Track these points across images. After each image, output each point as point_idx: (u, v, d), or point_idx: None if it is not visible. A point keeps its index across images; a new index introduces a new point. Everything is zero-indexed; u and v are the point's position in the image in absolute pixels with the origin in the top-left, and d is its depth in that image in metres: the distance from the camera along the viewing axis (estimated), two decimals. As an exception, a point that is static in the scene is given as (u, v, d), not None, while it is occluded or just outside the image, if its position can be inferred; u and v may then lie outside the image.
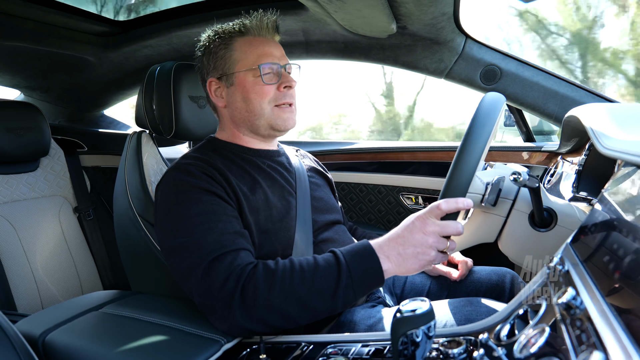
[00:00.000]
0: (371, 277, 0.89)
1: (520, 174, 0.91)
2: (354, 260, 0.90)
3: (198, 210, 0.99)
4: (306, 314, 0.89)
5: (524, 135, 1.96)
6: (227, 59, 1.17)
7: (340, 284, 0.88)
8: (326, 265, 0.91)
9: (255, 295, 0.88)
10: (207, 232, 0.96)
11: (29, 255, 1.76)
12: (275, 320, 0.89)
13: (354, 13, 1.38)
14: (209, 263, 0.92)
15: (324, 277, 0.89)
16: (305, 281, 0.89)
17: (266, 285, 0.89)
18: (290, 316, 0.89)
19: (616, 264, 0.54)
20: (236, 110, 1.18)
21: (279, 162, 1.24)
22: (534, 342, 0.55)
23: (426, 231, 0.88)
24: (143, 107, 1.35)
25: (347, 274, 0.89)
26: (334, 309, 0.90)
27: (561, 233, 0.97)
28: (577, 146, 1.47)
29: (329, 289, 0.88)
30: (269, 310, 0.88)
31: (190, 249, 0.95)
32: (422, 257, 0.88)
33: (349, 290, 0.89)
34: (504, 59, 1.64)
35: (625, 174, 0.76)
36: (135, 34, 1.87)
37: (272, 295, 0.88)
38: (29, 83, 2.19)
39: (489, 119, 0.88)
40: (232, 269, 0.91)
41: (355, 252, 0.92)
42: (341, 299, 0.89)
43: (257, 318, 0.88)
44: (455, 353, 0.65)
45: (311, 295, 0.88)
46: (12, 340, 0.73)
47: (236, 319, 0.88)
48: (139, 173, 1.25)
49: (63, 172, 1.98)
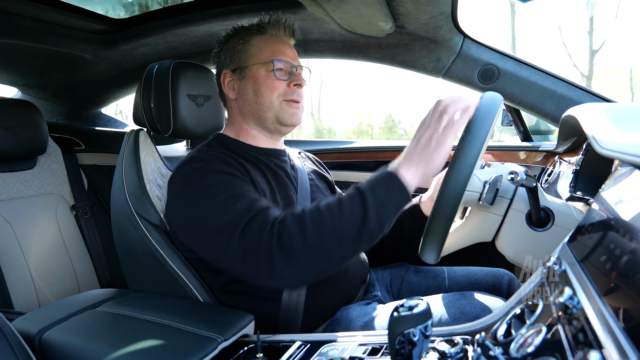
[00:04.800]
0: (395, 192, 0.92)
1: (517, 174, 0.91)
2: (373, 182, 0.93)
3: (222, 188, 1.02)
4: (345, 243, 0.91)
5: (522, 134, 1.96)
6: (243, 53, 1.22)
7: (368, 206, 0.90)
8: (349, 196, 0.93)
9: (291, 241, 0.90)
10: (235, 203, 0.99)
11: (26, 253, 1.76)
12: (318, 261, 0.91)
13: (352, 12, 1.38)
14: (243, 227, 0.95)
15: (351, 205, 0.91)
16: (333, 213, 0.91)
17: (298, 228, 0.91)
18: (330, 251, 0.91)
19: (613, 263, 0.54)
20: (246, 102, 1.22)
21: (283, 161, 1.27)
22: (531, 342, 0.55)
23: (436, 112, 0.92)
24: (141, 106, 1.35)
25: (371, 195, 0.91)
26: (371, 232, 0.91)
27: (558, 233, 0.97)
28: (574, 146, 1.48)
29: (358, 213, 0.90)
30: (309, 251, 0.90)
31: (223, 224, 0.97)
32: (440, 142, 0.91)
33: (379, 209, 0.91)
34: (501, 59, 1.64)
35: (622, 174, 0.76)
36: (132, 32, 1.86)
37: (306, 235, 0.90)
38: (27, 81, 2.18)
39: (487, 118, 0.89)
40: (264, 225, 0.94)
41: (373, 178, 0.95)
42: (374, 220, 0.90)
43: (299, 263, 0.91)
44: (452, 352, 0.66)
45: (343, 224, 0.90)
46: (8, 339, 0.73)
47: (281, 270, 0.91)
48: (137, 171, 1.25)
49: (60, 170, 1.98)
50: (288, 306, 1.10)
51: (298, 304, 1.11)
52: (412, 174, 0.92)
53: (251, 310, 1.03)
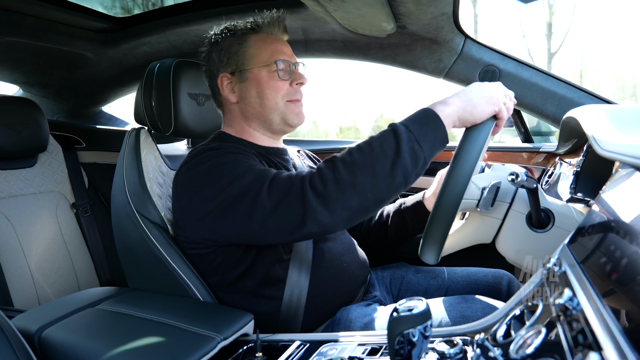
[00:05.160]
0: (432, 128, 0.90)
1: (518, 175, 0.91)
2: (409, 119, 0.92)
3: (238, 162, 1.02)
4: (379, 181, 0.88)
5: (522, 135, 1.96)
6: (240, 55, 1.19)
7: (401, 141, 0.87)
8: (382, 133, 0.91)
9: (323, 181, 0.89)
10: (254, 170, 0.99)
11: (26, 251, 1.76)
12: (352, 199, 0.88)
13: (353, 12, 1.38)
14: (270, 182, 0.94)
15: (382, 141, 0.89)
16: (364, 150, 0.89)
17: (329, 169, 0.90)
18: (364, 188, 0.88)
19: (613, 265, 0.54)
20: (249, 105, 1.20)
21: (286, 160, 1.26)
22: (530, 343, 0.55)
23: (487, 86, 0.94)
24: (142, 104, 1.35)
25: (404, 130, 0.89)
26: (405, 169, 0.88)
27: (558, 234, 0.97)
28: (575, 147, 1.48)
29: (391, 148, 0.88)
30: (342, 189, 0.88)
31: (246, 187, 0.96)
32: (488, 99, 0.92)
33: (414, 144, 0.88)
34: (502, 60, 1.64)
35: (623, 176, 0.76)
36: (133, 31, 1.86)
37: (338, 173, 0.88)
38: (28, 79, 2.18)
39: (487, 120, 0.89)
40: (291, 175, 0.94)
41: (410, 114, 0.93)
42: (407, 155, 0.87)
43: (333, 201, 0.88)
44: (452, 353, 0.66)
45: (375, 159, 0.88)
46: (8, 336, 0.73)
47: (315, 210, 0.88)
48: (137, 170, 1.25)
49: (61, 168, 1.98)
50: (289, 306, 1.10)
51: (299, 303, 1.10)
52: (449, 112, 0.91)
53: (252, 310, 1.03)
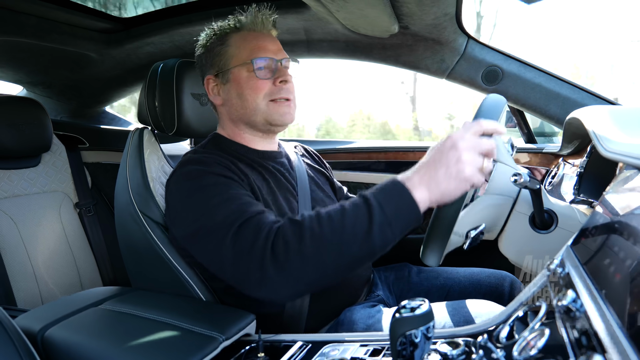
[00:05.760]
0: (406, 211, 0.82)
1: (521, 175, 0.90)
2: (384, 196, 0.84)
3: (218, 190, 0.98)
4: (343, 260, 0.84)
5: (525, 136, 1.96)
6: (222, 56, 1.16)
7: (373, 223, 0.81)
8: (355, 207, 0.85)
9: (286, 249, 0.84)
10: (231, 204, 0.95)
11: (29, 250, 1.76)
12: (312, 274, 0.84)
13: (356, 12, 1.38)
14: (236, 229, 0.90)
15: (355, 219, 0.83)
16: (334, 225, 0.83)
17: (295, 237, 0.85)
18: (327, 266, 0.83)
19: (617, 267, 0.54)
20: (232, 107, 1.17)
21: (281, 163, 1.24)
22: (534, 345, 0.55)
23: (459, 147, 0.81)
24: (145, 104, 1.35)
25: (379, 211, 0.82)
26: (372, 251, 0.83)
27: (562, 235, 0.97)
28: (578, 148, 1.47)
29: (362, 229, 0.82)
30: (304, 263, 0.83)
31: (216, 225, 0.93)
32: (458, 175, 0.80)
33: (385, 228, 0.82)
34: (505, 60, 1.63)
35: (626, 177, 0.76)
36: (137, 31, 1.87)
37: (304, 245, 0.83)
38: (32, 78, 2.19)
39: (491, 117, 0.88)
40: (260, 228, 0.89)
41: (383, 189, 0.85)
42: (377, 238, 0.82)
43: (292, 274, 0.84)
44: (454, 354, 0.65)
45: (344, 239, 0.82)
46: (11, 336, 0.73)
47: (271, 279, 0.85)
48: (141, 169, 1.25)
49: (64, 168, 1.98)
50: (292, 308, 1.09)
51: (303, 305, 1.10)
52: (422, 197, 0.83)
53: (255, 312, 1.01)
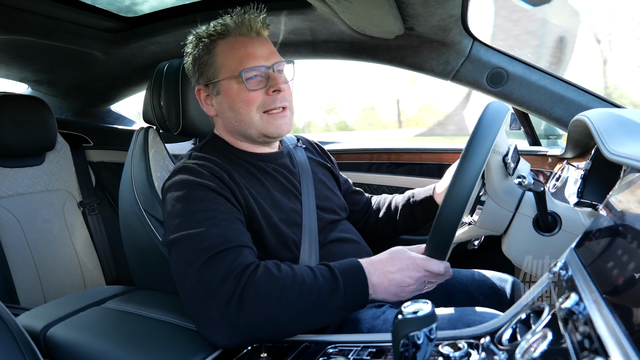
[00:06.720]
0: (359, 304, 0.92)
1: (525, 178, 0.90)
2: (350, 286, 0.91)
3: (204, 206, 0.96)
4: (299, 326, 0.88)
5: (530, 139, 1.95)
6: (210, 66, 1.11)
7: (335, 303, 0.88)
8: (325, 283, 0.90)
9: (255, 300, 0.84)
10: (212, 227, 0.92)
11: (33, 248, 1.77)
12: (269, 327, 0.86)
13: (361, 13, 1.38)
14: (210, 257, 0.87)
15: (322, 294, 0.88)
16: (304, 295, 0.87)
17: (268, 292, 0.85)
18: (284, 327, 0.87)
19: (620, 270, 0.54)
20: (227, 120, 1.14)
21: (282, 164, 1.21)
22: (536, 347, 0.55)
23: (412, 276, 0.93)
24: (150, 104, 1.35)
25: (342, 294, 0.89)
26: (319, 324, 0.90)
27: (565, 238, 0.96)
28: (582, 151, 1.47)
29: (325, 307, 0.88)
30: (266, 318, 0.85)
31: (192, 240, 0.90)
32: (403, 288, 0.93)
33: (341, 312, 0.90)
34: (510, 62, 1.63)
35: (630, 180, 0.76)
36: (142, 31, 1.87)
37: (273, 304, 0.85)
38: (37, 77, 2.20)
39: (491, 128, 0.88)
40: (234, 268, 0.87)
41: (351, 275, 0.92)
42: (334, 318, 0.90)
43: (252, 323, 0.84)
44: (457, 356, 0.65)
45: (308, 310, 0.87)
46: (14, 334, 0.73)
47: (230, 321, 0.84)
48: (145, 168, 1.26)
49: (68, 167, 1.99)
50: None
51: None
52: (379, 295, 0.93)
53: None
